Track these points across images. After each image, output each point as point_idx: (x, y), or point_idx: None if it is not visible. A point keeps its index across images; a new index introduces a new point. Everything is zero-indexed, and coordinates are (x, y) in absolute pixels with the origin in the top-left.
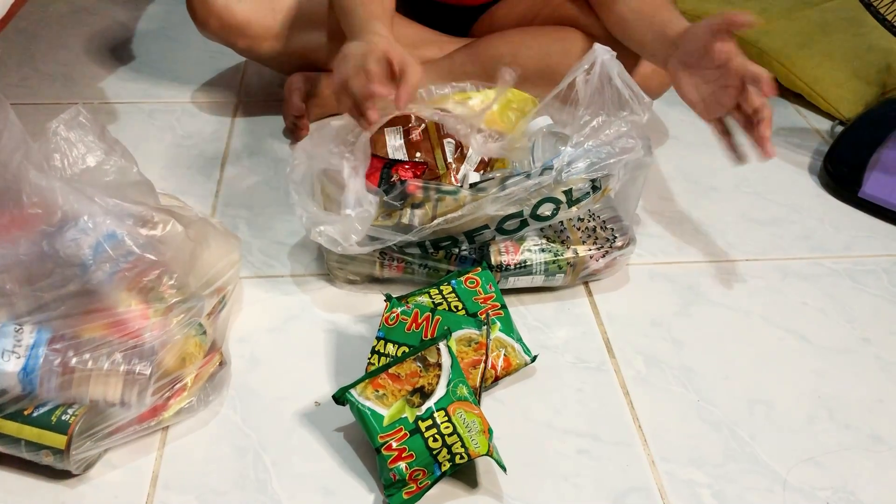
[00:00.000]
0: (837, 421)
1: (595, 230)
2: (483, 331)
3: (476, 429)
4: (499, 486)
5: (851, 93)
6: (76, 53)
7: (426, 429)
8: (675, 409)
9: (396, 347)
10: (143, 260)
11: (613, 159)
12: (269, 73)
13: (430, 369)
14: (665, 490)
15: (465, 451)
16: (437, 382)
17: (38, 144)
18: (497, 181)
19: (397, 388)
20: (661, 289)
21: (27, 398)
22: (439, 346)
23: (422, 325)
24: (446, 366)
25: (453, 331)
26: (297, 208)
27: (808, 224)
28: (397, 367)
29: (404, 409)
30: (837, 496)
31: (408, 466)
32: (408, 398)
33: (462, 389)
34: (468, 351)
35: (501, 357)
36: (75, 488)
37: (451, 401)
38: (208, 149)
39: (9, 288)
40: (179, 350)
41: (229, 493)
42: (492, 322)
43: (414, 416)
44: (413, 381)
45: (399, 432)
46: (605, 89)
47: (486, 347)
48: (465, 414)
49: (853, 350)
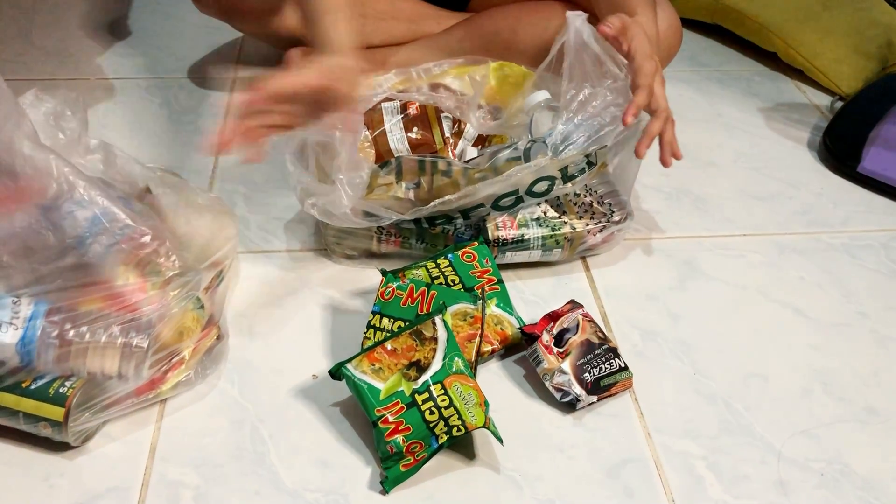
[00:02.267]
0: (832, 394)
1: (592, 205)
2: (478, 305)
3: (473, 401)
4: (496, 459)
5: (851, 68)
6: (72, 29)
7: (423, 402)
8: (670, 382)
9: (392, 322)
10: (140, 232)
11: (605, 130)
12: (267, 48)
13: (426, 343)
14: (660, 461)
15: (462, 423)
16: (433, 356)
17: None
18: (487, 157)
19: (393, 363)
20: (658, 263)
21: (25, 370)
22: (435, 320)
23: (417, 300)
24: (442, 339)
25: (449, 305)
26: (292, 179)
27: (807, 199)
28: (393, 342)
29: (401, 382)
30: (832, 468)
31: (405, 439)
32: (404, 372)
33: (458, 363)
34: (464, 325)
35: (498, 332)
36: (74, 460)
37: (447, 374)
38: (205, 124)
39: (5, 260)
40: (177, 323)
41: (227, 465)
42: (487, 297)
43: (410, 390)
44: (409, 355)
45: (396, 405)
46: (583, 56)
47: (481, 322)
48: (461, 387)
49: (849, 324)
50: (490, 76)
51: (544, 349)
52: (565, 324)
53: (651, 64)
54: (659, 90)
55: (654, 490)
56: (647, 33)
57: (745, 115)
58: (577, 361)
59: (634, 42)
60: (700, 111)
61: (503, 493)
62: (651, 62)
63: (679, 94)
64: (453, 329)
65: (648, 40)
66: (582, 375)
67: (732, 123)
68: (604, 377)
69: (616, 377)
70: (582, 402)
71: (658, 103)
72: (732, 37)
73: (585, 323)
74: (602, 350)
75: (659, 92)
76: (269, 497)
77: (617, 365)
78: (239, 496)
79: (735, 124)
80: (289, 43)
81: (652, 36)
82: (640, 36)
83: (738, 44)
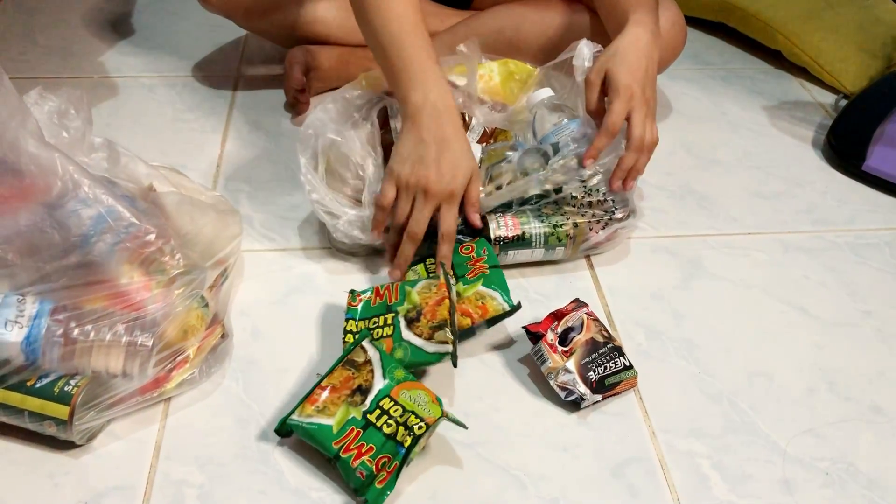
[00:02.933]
0: (837, 393)
1: (595, 202)
2: (440, 275)
3: (424, 400)
4: (500, 458)
5: (856, 66)
6: (76, 27)
7: (377, 419)
8: (675, 381)
9: (367, 321)
10: (144, 231)
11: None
12: (270, 46)
13: (362, 367)
14: (665, 460)
15: (421, 420)
16: (372, 376)
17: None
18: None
19: (336, 397)
20: (662, 262)
21: (30, 368)
22: (363, 344)
23: (385, 295)
24: (376, 359)
25: (412, 287)
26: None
27: (811, 198)
28: (328, 379)
29: (349, 411)
30: (837, 467)
31: (371, 459)
32: (349, 400)
33: (399, 372)
34: (431, 294)
35: (479, 306)
36: (79, 458)
37: (392, 386)
38: (209, 123)
39: (10, 259)
40: (181, 322)
41: (231, 463)
42: (475, 279)
43: (361, 413)
44: (350, 385)
45: (352, 432)
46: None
47: (445, 286)
48: (409, 392)
49: (854, 323)
50: (495, 72)
51: (549, 348)
52: (570, 322)
53: (621, 103)
54: (638, 118)
55: (659, 489)
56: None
57: (750, 113)
58: (582, 360)
59: (613, 75)
60: (704, 109)
61: (507, 492)
62: (623, 100)
63: (683, 93)
64: (422, 303)
65: (629, 69)
66: (587, 374)
67: (737, 122)
68: (608, 376)
69: (621, 376)
70: (587, 400)
71: (633, 133)
72: (737, 35)
73: (590, 322)
74: (607, 349)
75: (637, 121)
76: (274, 496)
77: (622, 364)
78: (244, 495)
79: (739, 123)
80: (292, 41)
81: (654, 33)
82: (619, 67)
83: (742, 42)
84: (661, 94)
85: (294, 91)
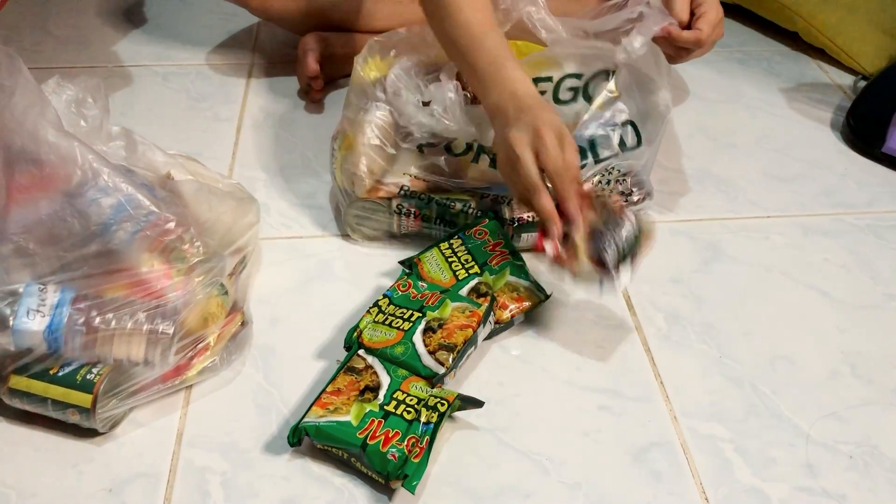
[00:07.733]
0: (860, 376)
1: (611, 184)
2: (481, 306)
3: (433, 389)
4: (522, 443)
5: (874, 47)
6: (89, 17)
7: (395, 408)
8: (696, 366)
9: (397, 308)
10: (164, 219)
11: None
12: (283, 33)
13: (364, 371)
14: (687, 445)
15: (441, 399)
16: (377, 377)
17: None
18: None
19: (344, 399)
20: (681, 246)
21: (52, 357)
22: (359, 353)
23: (426, 296)
24: (376, 362)
25: (453, 301)
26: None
27: (830, 180)
28: (333, 385)
29: (364, 406)
30: (860, 450)
31: (399, 442)
32: (360, 399)
33: (401, 371)
34: (461, 316)
35: (515, 297)
36: (102, 446)
37: (399, 381)
38: (223, 111)
39: (31, 248)
40: (202, 310)
41: (253, 450)
42: (500, 267)
43: (378, 406)
44: (356, 387)
45: (373, 423)
46: None
47: (480, 316)
48: (417, 384)
49: (876, 306)
50: None
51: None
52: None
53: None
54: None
55: (682, 474)
56: None
57: (767, 95)
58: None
59: None
60: (721, 92)
61: (529, 478)
62: None
63: (700, 75)
64: (450, 320)
65: None
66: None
67: (754, 104)
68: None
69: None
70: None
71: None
72: (753, 17)
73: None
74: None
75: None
76: (298, 483)
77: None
78: (267, 481)
79: (757, 105)
80: (305, 27)
81: None
82: None
83: (758, 24)
84: (677, 77)
85: (307, 78)
